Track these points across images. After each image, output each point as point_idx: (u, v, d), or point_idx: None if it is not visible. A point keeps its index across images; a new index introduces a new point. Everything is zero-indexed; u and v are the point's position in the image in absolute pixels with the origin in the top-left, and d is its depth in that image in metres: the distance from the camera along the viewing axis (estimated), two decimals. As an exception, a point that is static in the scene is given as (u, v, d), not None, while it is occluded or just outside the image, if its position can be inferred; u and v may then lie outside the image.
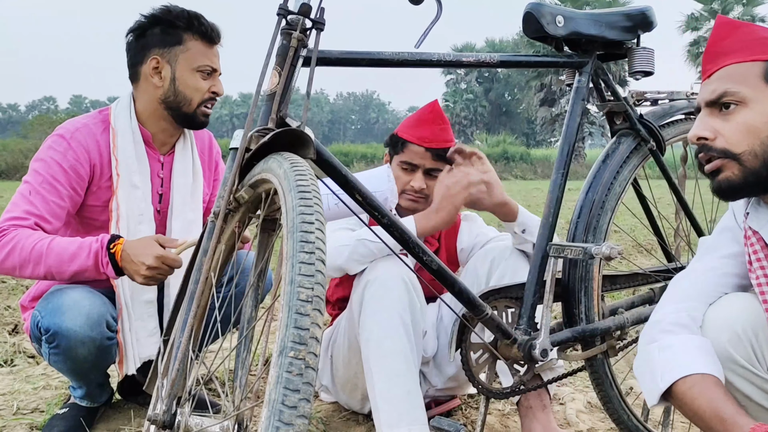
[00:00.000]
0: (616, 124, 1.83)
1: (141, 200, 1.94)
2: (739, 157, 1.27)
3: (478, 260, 1.97)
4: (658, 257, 2.03)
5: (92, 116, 1.97)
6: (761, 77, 1.26)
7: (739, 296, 1.34)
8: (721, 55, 1.31)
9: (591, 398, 2.34)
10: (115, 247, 1.74)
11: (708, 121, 1.30)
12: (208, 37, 1.92)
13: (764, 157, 1.25)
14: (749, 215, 1.36)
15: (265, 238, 1.30)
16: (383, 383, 1.73)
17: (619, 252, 1.57)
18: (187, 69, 1.90)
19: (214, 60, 1.95)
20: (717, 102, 1.29)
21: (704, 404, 1.21)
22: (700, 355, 1.27)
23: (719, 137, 1.28)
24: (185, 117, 1.95)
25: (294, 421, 0.81)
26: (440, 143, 2.01)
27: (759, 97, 1.26)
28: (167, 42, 1.90)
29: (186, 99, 1.92)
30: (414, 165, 2.03)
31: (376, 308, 1.78)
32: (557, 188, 1.68)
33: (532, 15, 1.65)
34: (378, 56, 1.48)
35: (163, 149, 2.04)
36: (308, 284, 0.89)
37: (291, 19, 1.33)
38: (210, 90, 1.94)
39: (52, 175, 1.82)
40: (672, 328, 1.34)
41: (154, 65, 1.90)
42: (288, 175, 1.04)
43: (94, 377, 1.95)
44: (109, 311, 1.83)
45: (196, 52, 1.91)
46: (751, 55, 1.27)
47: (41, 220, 1.79)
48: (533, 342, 1.60)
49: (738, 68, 1.28)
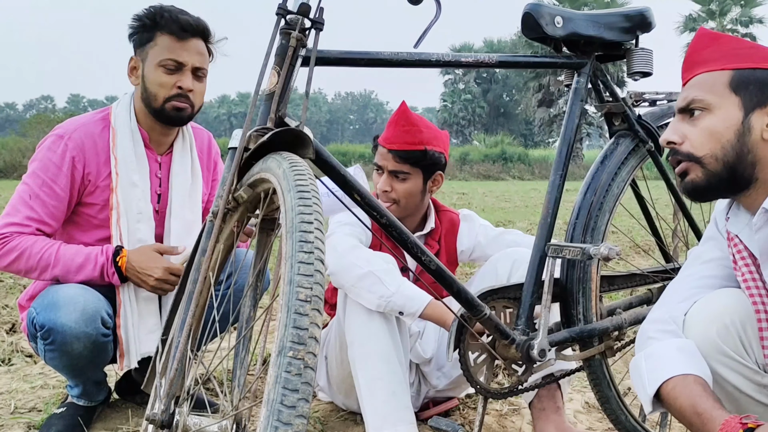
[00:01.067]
0: (615, 125, 1.83)
1: (140, 199, 1.95)
2: (701, 160, 1.34)
3: (499, 261, 1.96)
4: (656, 258, 2.03)
5: (92, 116, 2.00)
6: (727, 85, 1.32)
7: (726, 291, 1.38)
8: (696, 64, 1.38)
9: (588, 398, 2.35)
10: (121, 260, 1.84)
11: (678, 127, 1.38)
12: (175, 31, 1.90)
13: (725, 160, 1.32)
14: (729, 219, 1.42)
15: (263, 238, 1.30)
16: (367, 386, 1.75)
17: (617, 253, 1.57)
18: (152, 65, 1.91)
19: (182, 54, 1.90)
20: (687, 108, 1.37)
21: (684, 402, 1.25)
22: (681, 357, 1.31)
23: (686, 142, 1.36)
24: (156, 113, 1.95)
25: (293, 421, 0.81)
26: (401, 144, 1.99)
27: (723, 104, 1.32)
28: (143, 41, 1.93)
29: (152, 95, 1.93)
30: (379, 166, 2.04)
31: (358, 310, 1.78)
32: (556, 189, 1.69)
33: (531, 16, 1.65)
34: (377, 56, 1.48)
35: (160, 149, 2.05)
36: (307, 284, 0.89)
37: (290, 18, 1.33)
38: (175, 85, 1.91)
39: (50, 177, 1.87)
40: (656, 335, 1.39)
41: (132, 65, 1.96)
42: (287, 175, 1.04)
43: (90, 375, 1.95)
44: (105, 307, 1.84)
45: (162, 47, 1.90)
46: (721, 65, 1.34)
47: (42, 224, 1.87)
48: (531, 342, 1.60)
49: (708, 77, 1.35)
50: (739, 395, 1.31)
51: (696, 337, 1.34)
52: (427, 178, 2.05)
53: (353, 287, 1.78)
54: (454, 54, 1.62)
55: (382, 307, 1.75)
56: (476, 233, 2.18)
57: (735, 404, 1.33)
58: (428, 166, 2.02)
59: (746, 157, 1.31)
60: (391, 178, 2.02)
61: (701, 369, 1.29)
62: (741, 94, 1.31)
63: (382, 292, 1.74)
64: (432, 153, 2.01)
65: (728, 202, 1.44)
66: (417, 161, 2.00)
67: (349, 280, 1.78)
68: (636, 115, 1.81)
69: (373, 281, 1.75)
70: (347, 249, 1.83)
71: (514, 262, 1.90)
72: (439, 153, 2.03)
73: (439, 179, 2.09)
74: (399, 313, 1.76)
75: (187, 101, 1.94)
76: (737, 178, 1.32)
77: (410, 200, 2.04)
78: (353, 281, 1.77)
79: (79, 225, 1.97)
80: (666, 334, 1.38)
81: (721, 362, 1.30)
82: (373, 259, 1.80)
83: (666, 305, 1.44)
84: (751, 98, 1.30)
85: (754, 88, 1.30)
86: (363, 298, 1.77)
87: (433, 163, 2.02)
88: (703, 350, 1.32)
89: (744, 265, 1.35)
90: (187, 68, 1.92)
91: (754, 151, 1.30)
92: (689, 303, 1.39)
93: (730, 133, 1.31)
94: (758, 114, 1.30)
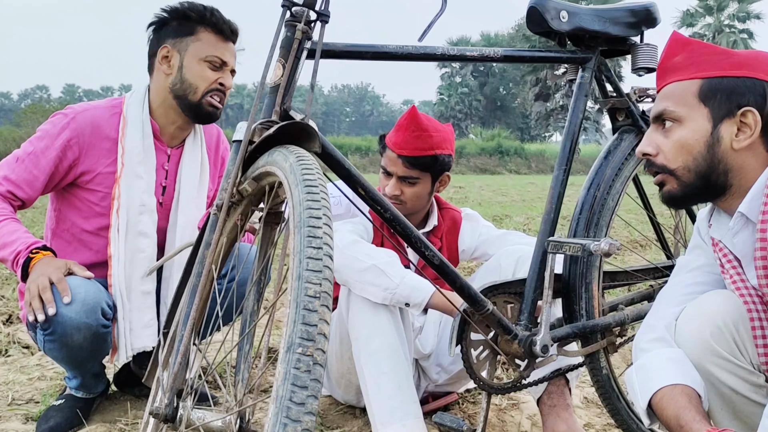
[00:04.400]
0: (619, 121, 1.82)
1: (143, 191, 1.94)
2: (675, 172, 1.36)
3: (503, 257, 1.95)
4: (654, 253, 2.03)
5: (104, 102, 2.01)
6: (696, 95, 1.33)
7: (716, 293, 1.39)
8: (668, 71, 1.39)
9: (587, 393, 2.35)
10: (35, 257, 1.78)
11: (653, 138, 1.39)
12: (220, 30, 1.95)
13: (697, 171, 1.33)
14: (712, 226, 1.43)
15: (267, 232, 1.29)
16: (373, 381, 1.74)
17: (617, 248, 1.57)
18: (195, 58, 1.93)
19: (226, 54, 1.96)
20: (659, 118, 1.38)
21: (670, 413, 1.27)
22: (670, 368, 1.32)
23: (660, 153, 1.37)
24: (191, 106, 1.96)
25: (302, 418, 0.80)
26: (412, 151, 1.97)
27: (693, 115, 1.33)
28: (180, 33, 1.94)
29: (192, 87, 1.94)
30: (388, 170, 2.02)
31: (363, 306, 1.78)
32: (559, 184, 1.68)
33: (537, 10, 1.64)
34: (382, 49, 1.48)
35: (173, 142, 2.05)
36: (316, 280, 0.88)
37: (296, 10, 1.32)
38: (217, 81, 1.95)
39: (41, 148, 1.89)
40: (647, 346, 1.40)
41: (164, 54, 1.95)
42: (294, 169, 1.03)
43: (89, 366, 1.94)
44: (105, 299, 1.83)
45: (207, 43, 1.93)
46: (691, 74, 1.34)
47: (16, 188, 1.88)
48: (534, 338, 1.60)
49: (678, 86, 1.36)
50: (734, 396, 1.32)
51: (689, 340, 1.34)
52: (435, 180, 2.04)
53: (357, 282, 1.77)
54: (459, 48, 1.61)
55: (387, 300, 1.74)
56: (479, 233, 2.17)
57: (731, 405, 1.33)
58: (437, 169, 2.01)
59: (718, 167, 1.32)
60: (400, 183, 2.00)
61: (690, 378, 1.30)
62: (709, 104, 1.32)
63: (387, 284, 1.74)
64: (442, 157, 2.00)
65: (710, 208, 1.46)
66: (427, 167, 1.98)
67: (353, 274, 1.77)
68: (639, 110, 1.81)
69: (376, 274, 1.75)
70: (348, 244, 1.82)
71: (518, 259, 1.89)
72: (447, 156, 2.02)
73: (446, 179, 2.08)
74: (405, 304, 1.75)
75: (222, 99, 1.98)
76: (711, 186, 1.34)
77: (417, 202, 2.04)
78: (357, 275, 1.76)
79: (81, 210, 1.96)
80: (657, 343, 1.39)
81: (715, 364, 1.31)
82: (374, 253, 1.80)
83: (657, 313, 1.46)
84: (719, 108, 1.31)
85: (721, 97, 1.31)
86: (368, 291, 1.76)
87: (442, 166, 2.01)
88: (697, 352, 1.32)
89: (731, 267, 1.36)
90: (228, 68, 1.98)
91: (725, 160, 1.32)
92: (680, 309, 1.40)
93: (700, 145, 1.32)
94: (726, 124, 1.31)
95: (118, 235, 1.91)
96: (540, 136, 45.37)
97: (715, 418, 1.36)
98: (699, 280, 1.45)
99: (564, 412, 1.84)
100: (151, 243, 1.95)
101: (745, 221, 1.30)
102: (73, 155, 1.90)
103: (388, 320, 1.76)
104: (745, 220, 1.30)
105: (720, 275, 1.40)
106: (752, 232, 1.28)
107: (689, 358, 1.33)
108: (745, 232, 1.31)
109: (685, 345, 1.35)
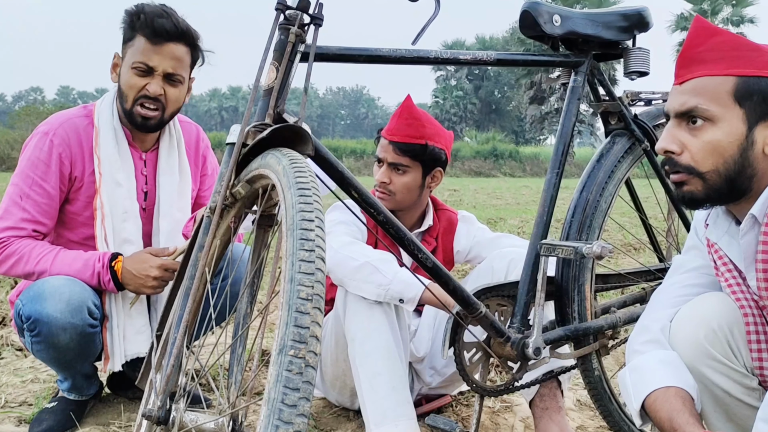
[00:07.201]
0: (611, 124, 1.83)
1: (125, 198, 1.93)
2: (704, 176, 1.28)
3: (495, 259, 1.96)
4: (647, 256, 2.04)
5: (76, 111, 1.98)
6: (731, 94, 1.25)
7: (712, 295, 1.38)
8: (695, 62, 1.29)
9: (580, 396, 2.36)
10: (116, 265, 1.84)
11: (676, 134, 1.31)
12: (154, 32, 1.84)
13: (727, 175, 1.27)
14: (709, 226, 1.41)
15: (260, 234, 1.30)
16: (368, 382, 1.75)
17: (609, 251, 1.58)
18: (127, 65, 1.89)
19: (153, 58, 1.85)
20: (687, 115, 1.29)
21: (663, 415, 1.27)
22: (664, 370, 1.32)
23: (685, 152, 1.29)
24: (126, 114, 1.93)
25: (293, 420, 0.80)
26: (403, 137, 2.00)
27: (727, 116, 1.25)
28: (124, 38, 1.91)
29: (124, 95, 1.91)
30: (380, 158, 2.05)
31: (359, 307, 1.78)
32: (552, 187, 1.69)
33: (529, 14, 1.65)
34: (376, 53, 1.48)
35: (144, 146, 2.02)
36: (308, 282, 0.88)
37: (289, 14, 1.33)
38: (144, 87, 1.87)
39: (39, 176, 1.87)
40: (640, 348, 1.40)
41: (114, 61, 1.94)
42: (287, 172, 1.04)
43: (78, 367, 1.93)
44: (91, 298, 1.82)
45: (137, 49, 1.87)
46: (724, 69, 1.26)
47: (37, 224, 1.87)
48: (526, 340, 1.61)
49: (710, 82, 1.27)
50: (728, 399, 1.32)
51: (684, 342, 1.34)
52: (426, 174, 2.05)
53: (351, 280, 1.77)
54: (452, 51, 1.62)
55: (381, 296, 1.75)
56: (474, 235, 2.18)
57: (724, 408, 1.34)
58: (428, 161, 2.02)
59: (746, 171, 1.26)
60: (390, 170, 2.02)
61: (684, 380, 1.30)
62: (745, 105, 1.25)
63: (380, 280, 1.74)
64: (432, 148, 2.01)
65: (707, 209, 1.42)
66: (417, 155, 2.00)
67: (347, 273, 1.78)
68: (632, 114, 1.82)
69: (370, 271, 1.75)
70: (342, 245, 1.83)
71: (510, 261, 1.90)
72: (440, 149, 2.03)
73: (438, 175, 2.09)
74: (399, 300, 1.75)
75: (155, 105, 1.89)
76: (734, 190, 1.29)
77: (407, 195, 2.04)
78: (350, 274, 1.77)
79: (65, 223, 1.96)
80: (650, 345, 1.39)
81: (709, 366, 1.31)
82: (368, 252, 1.80)
83: (651, 314, 1.45)
84: (754, 110, 1.25)
85: (757, 99, 1.24)
86: (362, 289, 1.76)
87: (433, 158, 2.02)
88: (691, 355, 1.32)
89: (726, 270, 1.35)
90: (157, 73, 1.87)
91: (754, 164, 1.26)
92: (674, 311, 1.40)
93: (733, 148, 1.26)
94: (761, 127, 1.25)
95: (105, 244, 1.91)
96: (535, 139, 45.48)
97: (708, 420, 1.36)
98: (694, 282, 1.45)
99: (556, 415, 1.84)
100: (137, 249, 1.94)
101: (752, 223, 1.27)
102: (67, 169, 1.90)
103: (383, 321, 1.77)
104: (752, 222, 1.27)
105: (716, 277, 1.40)
106: (757, 233, 1.26)
107: (683, 360, 1.33)
108: (751, 234, 1.28)
109: (680, 347, 1.35)
